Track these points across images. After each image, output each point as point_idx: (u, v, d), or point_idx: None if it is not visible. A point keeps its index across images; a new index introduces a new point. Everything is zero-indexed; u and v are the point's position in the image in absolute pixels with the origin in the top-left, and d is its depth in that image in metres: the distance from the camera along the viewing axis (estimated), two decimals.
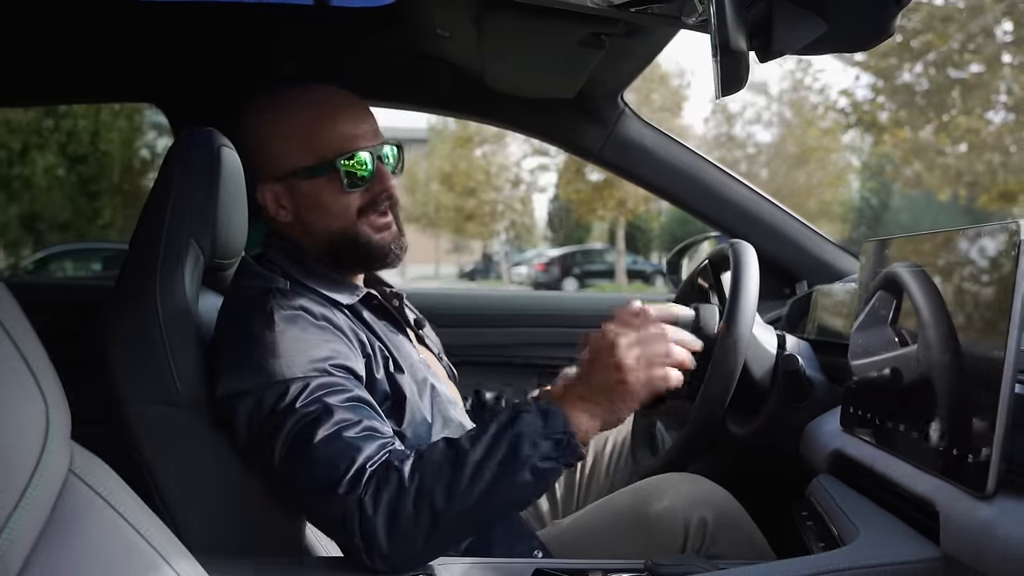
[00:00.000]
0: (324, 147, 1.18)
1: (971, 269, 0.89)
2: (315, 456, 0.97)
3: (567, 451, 0.99)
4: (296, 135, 1.20)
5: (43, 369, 0.64)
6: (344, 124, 1.19)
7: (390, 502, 0.94)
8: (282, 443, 1.00)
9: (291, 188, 1.21)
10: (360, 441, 0.98)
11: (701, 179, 1.87)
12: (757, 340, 1.35)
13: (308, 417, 0.99)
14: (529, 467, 0.96)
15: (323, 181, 1.19)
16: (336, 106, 1.21)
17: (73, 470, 0.66)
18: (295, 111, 1.21)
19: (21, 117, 12.23)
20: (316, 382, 1.02)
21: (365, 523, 0.94)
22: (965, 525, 0.80)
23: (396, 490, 0.94)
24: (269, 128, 1.22)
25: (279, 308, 1.09)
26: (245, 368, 1.06)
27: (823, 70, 24.70)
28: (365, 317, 1.22)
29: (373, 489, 0.94)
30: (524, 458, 0.96)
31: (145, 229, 1.22)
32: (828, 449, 1.16)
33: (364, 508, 0.94)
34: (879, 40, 0.99)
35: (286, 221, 1.24)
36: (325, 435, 0.98)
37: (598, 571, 1.01)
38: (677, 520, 1.13)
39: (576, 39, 1.29)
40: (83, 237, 12.84)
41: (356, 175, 1.18)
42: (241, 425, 1.06)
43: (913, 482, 0.91)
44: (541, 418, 0.99)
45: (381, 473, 0.96)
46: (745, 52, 0.88)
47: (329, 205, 1.20)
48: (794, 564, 0.88)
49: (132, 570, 0.66)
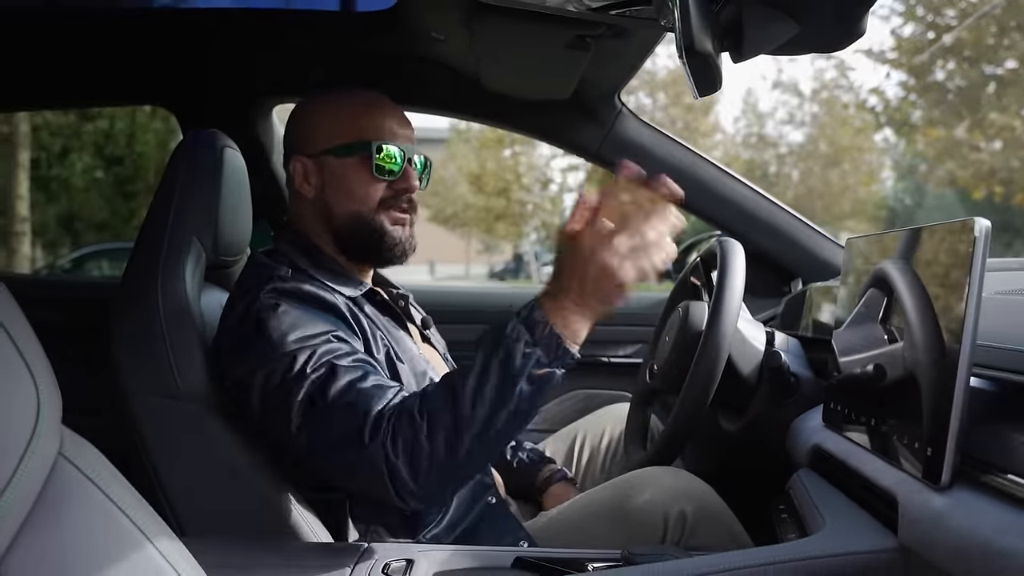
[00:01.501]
0: (364, 131, 1.25)
1: (934, 266, 0.90)
2: (333, 413, 1.03)
3: (559, 354, 0.99)
4: (343, 116, 1.27)
5: (34, 355, 0.67)
6: (387, 120, 1.28)
7: (406, 443, 0.99)
8: (297, 409, 1.05)
9: (322, 165, 1.27)
10: (372, 391, 1.03)
11: (699, 177, 1.88)
12: (744, 337, 1.37)
13: (319, 380, 1.05)
14: (525, 377, 0.98)
15: (354, 163, 1.25)
16: (384, 105, 1.30)
17: (63, 453, 0.69)
18: (349, 99, 1.29)
19: (61, 120, 12.52)
20: (321, 348, 1.08)
21: (391, 468, 0.99)
22: (920, 516, 0.81)
23: (410, 431, 0.99)
24: (320, 107, 1.31)
25: (280, 293, 1.14)
26: (251, 350, 1.11)
27: (854, 68, 24.31)
28: (367, 310, 1.26)
29: (391, 434, 1.00)
30: (519, 370, 0.98)
31: (150, 228, 1.27)
32: (809, 444, 1.17)
33: (388, 453, 0.99)
34: (851, 41, 1.00)
35: (308, 197, 1.29)
36: (338, 392, 1.03)
37: (577, 560, 1.04)
38: (657, 513, 1.16)
39: (562, 42, 1.31)
40: (119, 237, 13.07)
41: (386, 166, 1.25)
42: (255, 403, 1.11)
43: (880, 475, 0.92)
44: (527, 330, 0.99)
45: (395, 418, 1.00)
46: (711, 53, 0.90)
47: (354, 188, 1.26)
48: (757, 552, 0.90)
49: (118, 550, 0.69)
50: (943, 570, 0.76)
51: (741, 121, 20.99)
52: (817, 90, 18.30)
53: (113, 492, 0.71)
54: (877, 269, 1.05)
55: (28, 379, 0.66)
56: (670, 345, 1.43)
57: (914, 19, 12.09)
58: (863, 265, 1.11)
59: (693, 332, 1.37)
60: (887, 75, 20.97)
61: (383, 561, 1.00)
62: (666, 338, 1.48)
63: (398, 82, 1.73)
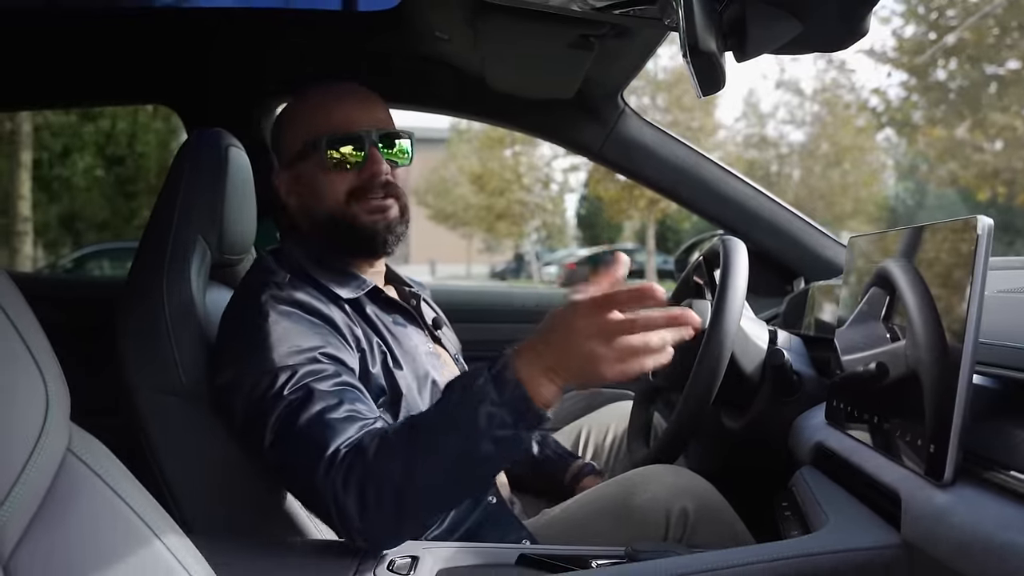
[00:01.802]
0: (315, 129, 1.23)
1: (937, 264, 0.90)
2: (298, 440, 1.01)
3: (526, 418, 0.94)
4: (297, 121, 1.27)
5: (43, 351, 0.68)
6: (339, 110, 1.24)
7: (358, 481, 0.96)
8: (271, 429, 1.04)
9: (294, 173, 1.28)
10: (340, 424, 1.01)
11: (701, 176, 1.88)
12: (747, 335, 1.37)
13: (294, 403, 1.03)
14: (489, 438, 0.93)
15: (313, 163, 1.24)
16: (336, 95, 1.27)
17: (71, 449, 0.69)
18: (302, 101, 1.28)
19: (62, 120, 12.54)
20: (304, 369, 1.06)
21: (339, 506, 0.96)
22: (922, 512, 0.82)
23: (362, 469, 0.96)
24: (281, 118, 1.31)
25: (273, 302, 1.13)
26: (239, 359, 1.11)
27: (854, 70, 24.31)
28: (368, 311, 1.25)
29: (345, 470, 0.97)
30: (482, 430, 0.93)
31: (155, 226, 1.27)
32: (812, 442, 1.17)
33: (336, 489, 0.96)
34: (854, 40, 1.01)
35: (293, 207, 1.30)
36: (307, 419, 1.01)
37: (580, 557, 1.04)
38: (659, 510, 1.16)
39: (566, 41, 1.32)
40: (120, 236, 13.11)
41: (341, 157, 1.22)
42: (236, 413, 1.10)
43: (883, 472, 0.93)
44: (495, 388, 0.94)
45: (352, 454, 0.98)
46: (715, 52, 0.91)
47: (318, 187, 1.24)
48: (763, 549, 0.90)
49: (126, 547, 0.69)
50: (946, 566, 0.77)
51: (742, 121, 20.97)
52: (819, 90, 18.29)
53: (121, 488, 0.71)
54: (880, 267, 1.05)
55: (36, 374, 0.67)
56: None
57: (915, 17, 12.08)
58: (865, 263, 1.12)
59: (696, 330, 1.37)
60: (888, 74, 20.93)
61: (388, 558, 1.01)
62: None
63: (402, 81, 1.74)
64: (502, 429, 0.94)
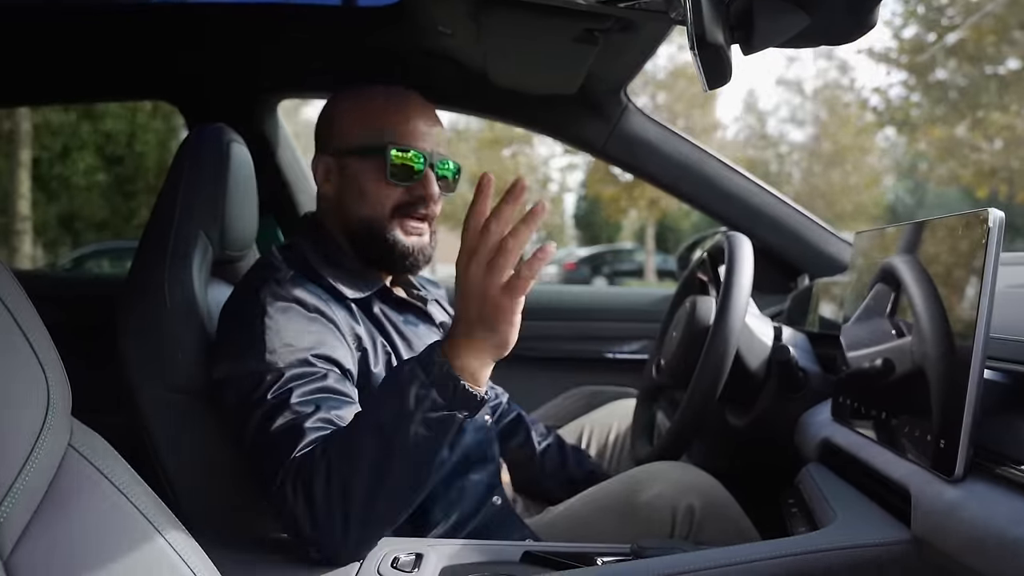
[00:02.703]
0: (383, 132, 1.21)
1: (946, 258, 0.90)
2: (268, 445, 0.99)
3: (457, 396, 0.92)
4: (365, 115, 1.24)
5: (44, 345, 0.67)
6: (410, 121, 1.22)
7: (305, 488, 0.93)
8: (251, 430, 1.02)
9: (342, 165, 1.25)
10: (309, 431, 0.98)
11: (704, 173, 1.88)
12: (752, 331, 1.36)
13: (273, 408, 1.01)
14: (420, 421, 0.91)
15: (370, 165, 1.21)
16: (411, 105, 1.25)
17: (72, 444, 0.69)
18: (374, 97, 1.25)
19: (61, 119, 12.53)
20: (290, 372, 1.03)
21: (288, 515, 0.94)
22: (933, 507, 0.81)
23: (310, 475, 0.93)
24: (346, 105, 1.27)
25: (272, 298, 1.11)
26: (232, 356, 1.09)
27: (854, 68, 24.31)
28: (375, 311, 1.23)
29: (294, 477, 0.94)
30: (409, 412, 0.91)
31: (156, 223, 1.26)
32: (818, 438, 1.17)
33: (287, 497, 0.94)
34: (862, 32, 1.00)
35: (328, 196, 1.27)
36: (281, 425, 0.99)
37: (586, 554, 1.03)
38: (665, 507, 1.15)
39: (571, 35, 1.31)
40: (119, 236, 13.10)
41: (401, 169, 1.20)
42: (226, 409, 1.09)
43: (891, 468, 0.92)
44: (421, 368, 0.93)
45: (303, 461, 0.95)
46: (723, 45, 0.90)
47: (368, 191, 1.22)
48: (771, 545, 0.90)
49: (129, 543, 0.68)
50: (957, 561, 0.76)
51: (742, 120, 20.97)
52: (819, 89, 18.30)
53: (123, 485, 0.71)
54: (887, 263, 1.05)
55: (37, 368, 0.66)
56: (677, 340, 1.43)
57: (915, 18, 12.09)
58: (872, 259, 1.11)
59: (701, 327, 1.37)
60: (887, 73, 20.94)
61: (392, 555, 1.00)
62: (673, 333, 1.48)
63: (404, 77, 1.73)
64: (433, 410, 0.92)
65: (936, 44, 11.80)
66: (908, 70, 12.50)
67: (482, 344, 0.93)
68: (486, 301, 0.90)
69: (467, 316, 0.92)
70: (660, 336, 1.63)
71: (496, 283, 0.89)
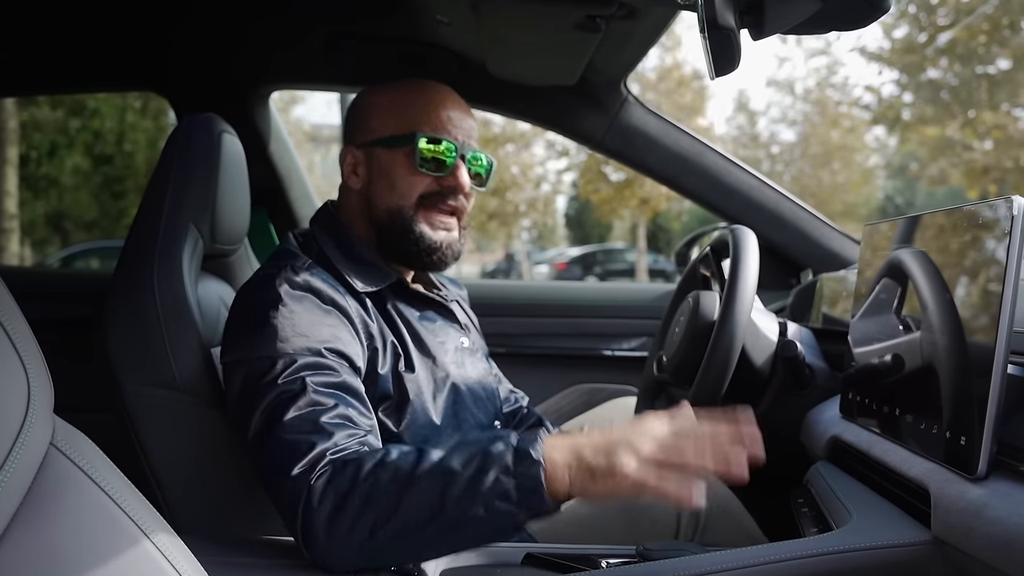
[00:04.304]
0: (413, 122, 1.19)
1: (967, 249, 0.87)
2: (282, 434, 0.95)
3: (530, 499, 0.87)
4: (395, 106, 1.22)
5: (25, 341, 0.65)
6: (442, 111, 1.21)
7: (337, 496, 0.89)
8: (258, 416, 0.99)
9: (371, 155, 1.23)
10: (329, 427, 0.95)
11: (705, 167, 1.85)
12: (757, 327, 1.34)
13: (286, 395, 0.98)
14: (483, 502, 0.86)
15: (400, 154, 1.20)
16: (444, 97, 1.23)
17: (55, 443, 0.67)
18: (407, 89, 1.24)
19: (49, 117, 12.44)
20: (303, 360, 1.01)
21: (308, 511, 0.90)
22: (955, 507, 0.78)
23: (348, 486, 0.89)
24: (378, 97, 1.25)
25: (288, 286, 1.08)
26: (244, 340, 1.06)
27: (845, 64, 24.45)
28: (388, 306, 1.20)
29: (325, 479, 0.90)
30: (481, 493, 0.86)
31: (144, 215, 1.22)
32: (827, 436, 1.14)
33: (311, 496, 0.90)
34: (875, 17, 0.97)
35: (355, 188, 1.25)
36: (296, 415, 0.96)
37: (589, 556, 1.00)
38: (670, 509, 1.12)
39: (572, 22, 1.28)
40: (108, 236, 13.02)
41: (430, 159, 1.19)
42: (233, 394, 1.06)
43: (908, 466, 0.89)
44: (513, 457, 0.88)
45: (339, 465, 0.91)
46: (734, 29, 0.87)
47: (396, 180, 1.20)
48: (786, 547, 0.87)
49: (112, 543, 0.66)
50: (983, 562, 0.73)
51: (733, 120, 21.04)
52: (810, 89, 18.35)
53: (108, 484, 0.68)
54: (896, 256, 1.02)
55: (17, 364, 0.64)
56: (680, 336, 1.40)
57: (906, 17, 12.14)
58: (882, 252, 1.08)
59: (705, 322, 1.34)
60: (879, 72, 21.04)
61: None
62: (676, 329, 1.45)
63: (400, 67, 1.69)
64: (502, 500, 0.87)
65: (928, 45, 11.85)
66: (900, 69, 12.55)
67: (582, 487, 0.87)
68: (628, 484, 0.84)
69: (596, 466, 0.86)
70: (661, 332, 1.60)
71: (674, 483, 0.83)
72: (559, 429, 1.53)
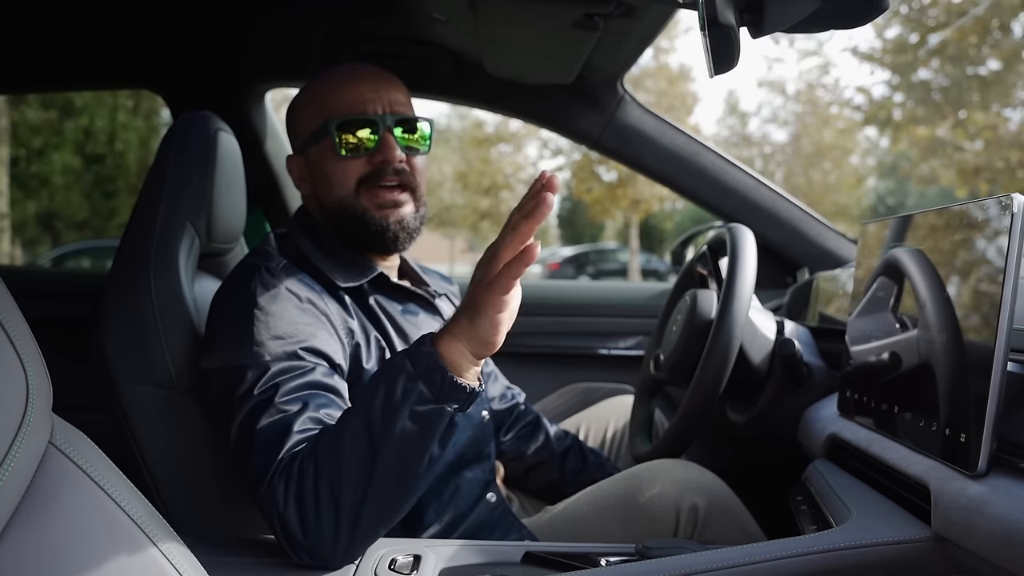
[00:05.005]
0: (325, 110, 1.18)
1: (965, 247, 0.87)
2: (254, 444, 0.94)
3: (445, 389, 0.88)
4: (312, 101, 1.21)
5: (23, 340, 0.65)
6: (352, 91, 1.18)
7: (296, 492, 0.89)
8: (235, 427, 0.98)
9: (307, 157, 1.22)
10: (296, 432, 0.94)
11: (701, 166, 1.85)
12: (755, 325, 1.34)
13: (259, 405, 0.97)
14: (407, 415, 0.87)
15: (324, 147, 1.18)
16: (351, 76, 1.20)
17: (54, 442, 0.67)
18: (320, 80, 1.22)
19: (40, 116, 12.37)
20: (277, 367, 0.99)
21: (281, 519, 0.90)
22: (955, 503, 0.78)
23: (299, 478, 0.89)
24: (298, 97, 1.25)
25: (263, 287, 1.07)
26: (219, 347, 1.05)
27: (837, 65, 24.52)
28: (370, 301, 1.19)
29: (284, 480, 0.90)
30: (396, 405, 0.87)
31: (140, 213, 1.22)
32: (825, 434, 1.14)
33: (276, 501, 0.90)
34: (874, 15, 0.97)
35: (308, 193, 1.24)
36: (266, 423, 0.95)
37: (588, 554, 1.00)
38: (668, 506, 1.12)
39: (570, 20, 1.27)
40: (100, 235, 12.96)
41: (351, 141, 1.16)
42: (212, 402, 1.05)
43: (907, 464, 0.89)
44: (409, 360, 0.89)
45: (292, 462, 0.91)
46: (734, 26, 0.87)
47: (330, 173, 1.18)
48: (785, 544, 0.86)
49: (112, 542, 0.66)
50: (984, 559, 0.73)
51: (724, 121, 21.07)
52: (802, 89, 18.39)
53: (107, 483, 0.68)
54: (894, 254, 1.02)
55: (16, 363, 0.64)
56: (678, 334, 1.40)
57: (898, 18, 12.19)
58: (880, 250, 1.08)
59: (703, 321, 1.34)
60: (871, 72, 21.11)
61: (390, 556, 0.96)
62: (673, 327, 1.45)
63: (396, 65, 1.69)
64: (421, 404, 0.88)
65: (920, 46, 11.90)
66: (891, 70, 12.60)
67: (463, 338, 0.89)
68: (473, 295, 0.88)
69: (459, 310, 0.90)
70: (658, 331, 1.60)
71: (486, 279, 0.86)
72: (557, 427, 1.53)
